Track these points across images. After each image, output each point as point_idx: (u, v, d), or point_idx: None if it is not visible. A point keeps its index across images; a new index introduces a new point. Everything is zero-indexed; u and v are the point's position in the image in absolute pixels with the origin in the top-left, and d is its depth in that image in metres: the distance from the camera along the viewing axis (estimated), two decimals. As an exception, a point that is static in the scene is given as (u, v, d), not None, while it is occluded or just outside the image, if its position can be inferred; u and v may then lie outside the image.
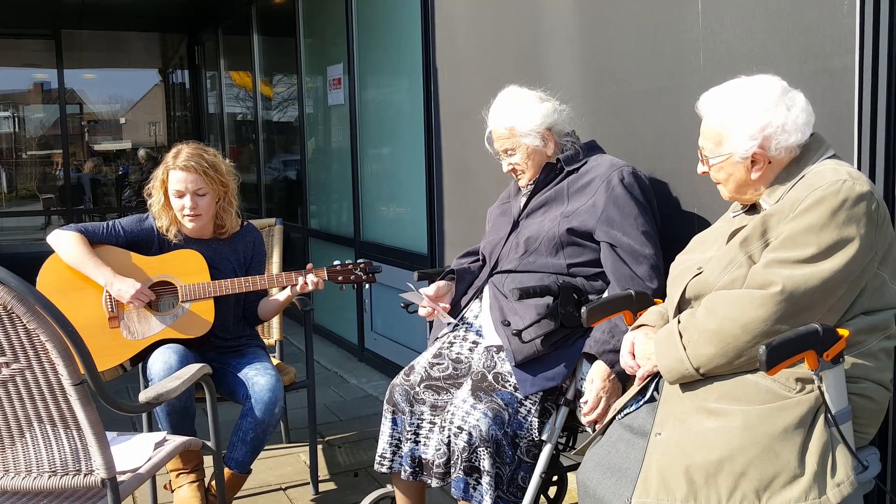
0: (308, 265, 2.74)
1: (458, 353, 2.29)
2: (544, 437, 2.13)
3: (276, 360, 3.05)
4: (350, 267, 2.77)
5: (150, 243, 2.75)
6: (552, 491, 2.50)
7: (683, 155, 2.27)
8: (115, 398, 1.83)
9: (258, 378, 2.59)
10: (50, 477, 1.82)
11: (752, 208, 1.77)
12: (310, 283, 2.70)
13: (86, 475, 1.81)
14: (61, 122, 9.06)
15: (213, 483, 2.50)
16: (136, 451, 2.06)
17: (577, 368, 2.16)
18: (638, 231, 2.15)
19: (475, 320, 2.35)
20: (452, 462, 2.09)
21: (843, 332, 1.49)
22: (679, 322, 1.69)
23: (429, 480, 2.17)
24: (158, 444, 2.12)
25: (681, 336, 1.65)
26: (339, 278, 2.76)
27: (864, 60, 1.87)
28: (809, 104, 1.67)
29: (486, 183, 3.19)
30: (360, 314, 4.91)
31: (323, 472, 3.21)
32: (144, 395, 2.02)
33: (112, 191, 10.59)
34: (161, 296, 2.70)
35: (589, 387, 2.07)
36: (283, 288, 2.79)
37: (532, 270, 2.25)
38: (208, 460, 2.54)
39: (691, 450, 1.55)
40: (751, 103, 1.66)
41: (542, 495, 2.37)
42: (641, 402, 1.83)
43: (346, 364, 4.93)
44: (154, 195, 2.73)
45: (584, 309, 1.92)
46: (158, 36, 10.14)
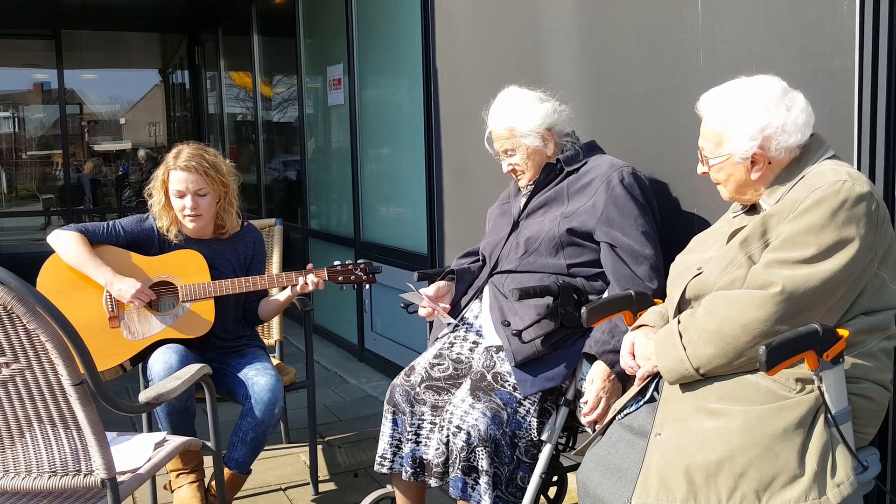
0: (308, 265, 2.74)
1: (458, 354, 2.29)
2: (544, 438, 2.13)
3: (276, 361, 3.05)
4: (350, 267, 2.78)
5: (150, 243, 2.75)
6: (552, 491, 2.50)
7: (683, 155, 2.27)
8: (114, 398, 1.83)
9: (258, 378, 2.59)
10: (50, 477, 1.82)
11: (752, 209, 1.77)
12: (310, 284, 2.70)
13: (86, 475, 1.81)
14: (61, 123, 9.06)
15: (213, 483, 2.50)
16: (136, 451, 2.06)
17: (577, 369, 2.16)
18: (638, 231, 2.15)
19: (475, 320, 2.35)
20: (451, 461, 2.10)
21: (843, 332, 1.49)
22: (679, 322, 1.69)
23: (429, 480, 2.17)
24: (158, 445, 2.12)
25: (681, 336, 1.65)
26: (340, 278, 2.77)
27: (864, 61, 1.87)
28: (809, 104, 1.67)
29: (486, 183, 3.19)
30: (360, 314, 4.90)
31: (323, 472, 3.21)
32: (144, 396, 2.02)
33: (112, 191, 10.60)
34: (161, 296, 2.70)
35: (589, 387, 2.07)
36: (284, 288, 2.79)
37: (532, 271, 2.25)
38: (208, 460, 2.54)
39: (691, 450, 1.55)
40: (751, 104, 1.66)
41: (542, 495, 2.37)
42: (641, 403, 1.83)
43: (346, 364, 4.93)
44: (154, 195, 2.73)
45: (583, 309, 1.92)
46: (158, 36, 10.14)
